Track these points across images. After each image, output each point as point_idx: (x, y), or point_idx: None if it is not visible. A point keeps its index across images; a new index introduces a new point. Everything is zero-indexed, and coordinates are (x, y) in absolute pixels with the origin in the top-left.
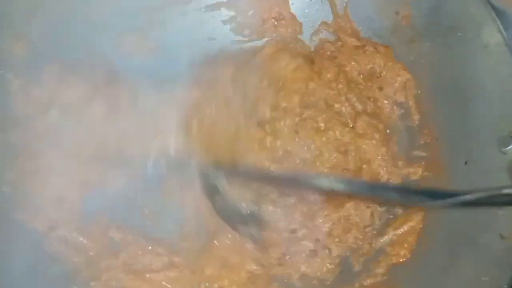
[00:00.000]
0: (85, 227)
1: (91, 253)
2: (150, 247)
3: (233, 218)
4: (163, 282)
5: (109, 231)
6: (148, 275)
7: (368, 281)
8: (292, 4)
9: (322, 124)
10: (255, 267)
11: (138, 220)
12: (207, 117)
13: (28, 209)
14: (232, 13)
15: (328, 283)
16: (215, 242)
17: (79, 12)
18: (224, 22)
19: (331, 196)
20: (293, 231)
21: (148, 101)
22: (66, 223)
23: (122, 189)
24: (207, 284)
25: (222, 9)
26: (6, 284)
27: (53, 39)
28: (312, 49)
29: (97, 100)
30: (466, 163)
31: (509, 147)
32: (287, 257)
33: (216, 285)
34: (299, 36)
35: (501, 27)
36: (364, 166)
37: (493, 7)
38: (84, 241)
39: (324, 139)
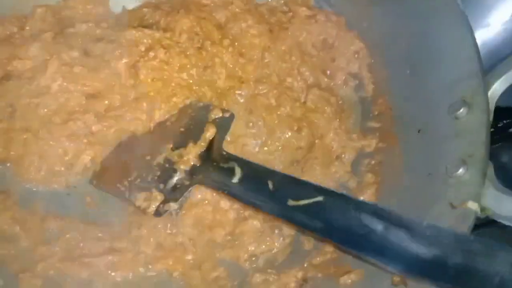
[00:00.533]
0: (21, 217)
1: (24, 244)
2: (90, 232)
3: None
4: (102, 268)
5: (45, 221)
6: (87, 260)
7: (318, 259)
8: None
9: (273, 101)
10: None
11: (80, 208)
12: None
13: None
14: None
15: (277, 263)
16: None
17: None
18: None
19: None
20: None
21: None
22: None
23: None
24: (150, 267)
25: None
26: None
27: None
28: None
29: None
30: (419, 131)
31: (460, 111)
32: (233, 238)
33: (159, 267)
34: None
35: None
36: (316, 141)
37: None
38: (18, 232)
39: (275, 116)
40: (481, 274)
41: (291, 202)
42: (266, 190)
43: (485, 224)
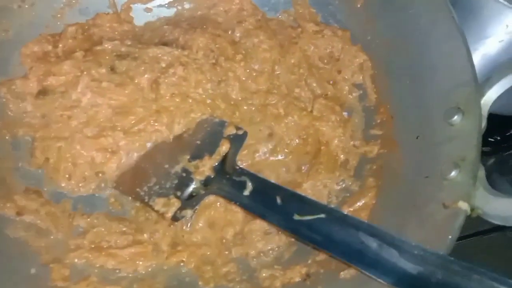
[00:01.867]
0: (52, 214)
1: (55, 237)
2: (115, 227)
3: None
4: (127, 258)
5: (74, 218)
6: (113, 251)
7: (321, 256)
8: None
9: (281, 110)
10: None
11: (104, 207)
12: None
13: (2, 196)
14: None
15: (283, 260)
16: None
17: None
18: None
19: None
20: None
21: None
22: (32, 210)
23: None
24: (166, 260)
25: (185, 3)
26: None
27: None
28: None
29: None
30: (417, 137)
31: (454, 118)
32: (242, 236)
33: (175, 260)
34: None
35: (448, 2)
36: (322, 147)
37: None
38: (49, 227)
39: (283, 124)
40: None
41: (296, 217)
42: (274, 204)
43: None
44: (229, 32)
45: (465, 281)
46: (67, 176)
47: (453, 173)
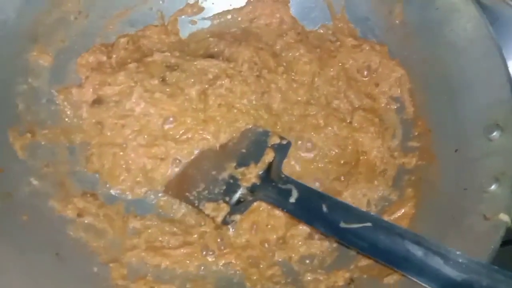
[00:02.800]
0: (108, 216)
1: (111, 238)
2: (167, 228)
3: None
4: (179, 258)
5: (128, 220)
6: (166, 252)
7: (363, 262)
8: (292, 9)
9: (321, 121)
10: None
11: (155, 209)
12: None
13: (62, 198)
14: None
15: (326, 264)
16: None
17: None
18: None
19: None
20: (292, 216)
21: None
22: (91, 212)
23: None
24: (215, 261)
25: (228, 16)
26: (33, 265)
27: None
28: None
29: None
30: (456, 151)
31: (494, 134)
32: (285, 241)
33: (223, 261)
34: None
35: (487, 21)
36: (361, 158)
37: (480, 3)
38: (106, 228)
39: (322, 134)
40: None
41: (343, 224)
42: (321, 211)
43: None
44: (270, 45)
45: None
46: (121, 180)
47: (493, 187)
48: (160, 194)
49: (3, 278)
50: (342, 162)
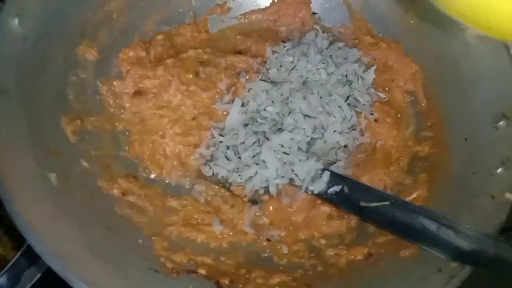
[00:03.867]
0: (148, 195)
1: (152, 215)
2: (202, 207)
3: None
4: (214, 234)
5: (166, 199)
6: (202, 228)
7: (380, 239)
8: (314, 10)
9: None
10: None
11: (189, 191)
12: None
13: (108, 179)
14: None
15: (346, 241)
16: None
17: None
18: None
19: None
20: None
21: None
22: (133, 192)
23: None
24: (245, 237)
25: (253, 16)
26: (88, 237)
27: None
28: None
29: None
30: (466, 139)
31: (500, 123)
32: (308, 221)
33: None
34: None
35: None
36: (378, 146)
37: None
38: (147, 207)
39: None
40: (506, 262)
41: (362, 203)
42: (343, 192)
43: None
44: None
45: None
46: (160, 165)
47: (499, 170)
48: (193, 178)
49: (67, 245)
50: (360, 150)
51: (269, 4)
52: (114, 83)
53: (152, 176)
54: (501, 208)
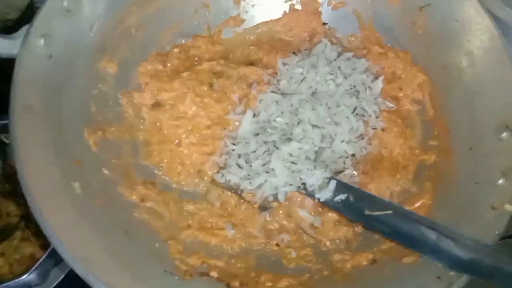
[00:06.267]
0: (165, 201)
1: (169, 219)
2: (216, 211)
3: None
4: (228, 238)
5: (182, 204)
6: (215, 231)
7: (385, 245)
8: (324, 20)
9: None
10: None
11: (203, 196)
12: None
13: (128, 186)
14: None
15: (352, 247)
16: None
17: None
18: None
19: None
20: (322, 206)
21: None
22: (151, 198)
23: None
24: (255, 241)
25: (265, 28)
26: (108, 241)
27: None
28: None
29: None
30: (470, 149)
31: (503, 134)
32: (315, 226)
33: (262, 241)
34: None
35: (500, 33)
36: (385, 154)
37: (495, 17)
38: (164, 212)
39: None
40: (503, 272)
41: (367, 212)
42: (348, 201)
43: None
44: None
45: (510, 266)
46: (177, 173)
47: (501, 181)
48: (207, 184)
49: (88, 249)
50: (368, 158)
51: (281, 15)
52: (133, 95)
53: (169, 182)
54: (500, 219)
